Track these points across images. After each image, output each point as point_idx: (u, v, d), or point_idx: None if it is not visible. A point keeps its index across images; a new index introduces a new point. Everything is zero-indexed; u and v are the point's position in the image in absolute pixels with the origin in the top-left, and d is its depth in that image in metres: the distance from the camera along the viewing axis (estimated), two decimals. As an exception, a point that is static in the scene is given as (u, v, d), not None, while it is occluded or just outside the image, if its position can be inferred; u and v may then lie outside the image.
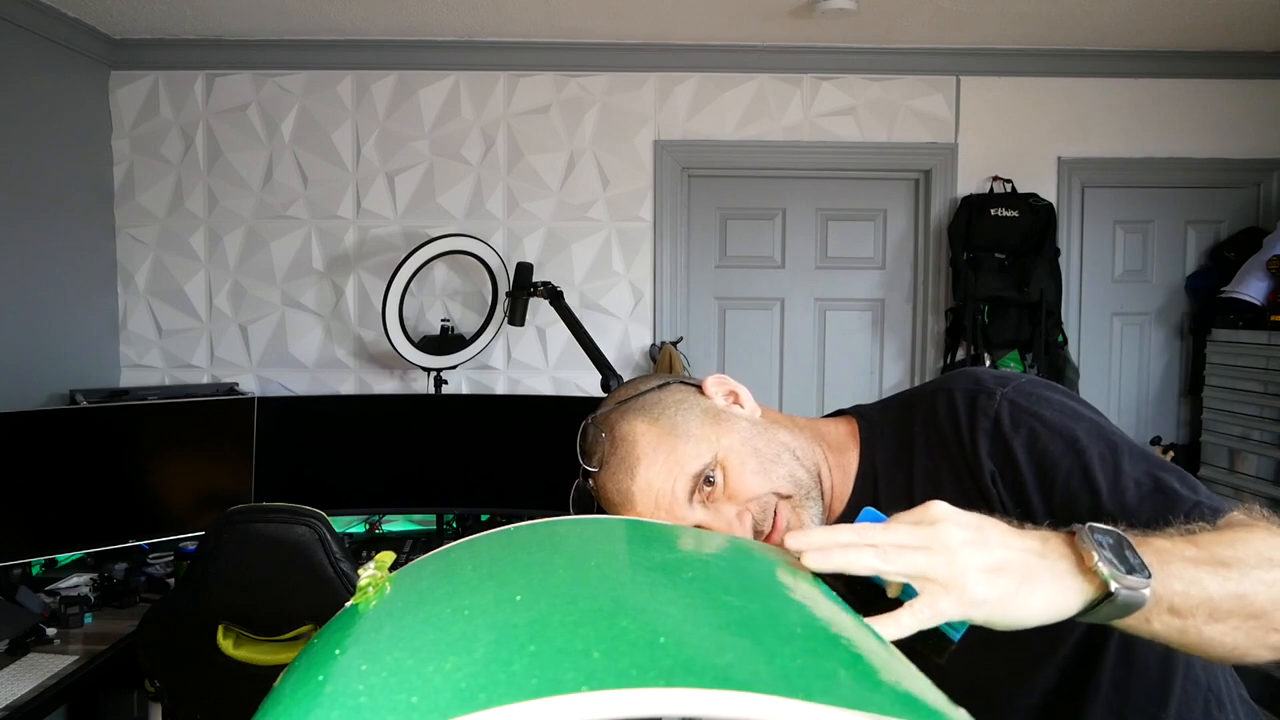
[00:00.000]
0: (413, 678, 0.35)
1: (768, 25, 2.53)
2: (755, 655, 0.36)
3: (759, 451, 0.84)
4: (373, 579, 0.49)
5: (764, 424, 0.88)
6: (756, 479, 0.83)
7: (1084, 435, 0.75)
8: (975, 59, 2.75)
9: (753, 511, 0.82)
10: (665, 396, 0.88)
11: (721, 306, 2.91)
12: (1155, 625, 0.59)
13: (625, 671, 0.33)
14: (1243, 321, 2.58)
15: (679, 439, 0.83)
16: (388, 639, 0.40)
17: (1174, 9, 2.39)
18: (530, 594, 0.42)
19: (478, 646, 0.36)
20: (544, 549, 0.51)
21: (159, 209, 2.78)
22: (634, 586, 0.43)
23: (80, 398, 2.42)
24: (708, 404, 0.87)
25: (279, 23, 2.57)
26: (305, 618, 1.61)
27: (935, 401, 0.83)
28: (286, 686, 0.40)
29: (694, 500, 0.82)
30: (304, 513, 1.59)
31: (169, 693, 1.72)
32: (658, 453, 0.83)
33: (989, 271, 2.68)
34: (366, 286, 2.80)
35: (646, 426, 0.85)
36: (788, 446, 0.86)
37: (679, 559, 0.49)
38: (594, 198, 2.79)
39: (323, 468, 2.51)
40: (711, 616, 0.40)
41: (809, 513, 0.84)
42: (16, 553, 2.06)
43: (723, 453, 0.83)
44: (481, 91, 2.76)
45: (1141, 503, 0.71)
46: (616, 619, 0.38)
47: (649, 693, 0.32)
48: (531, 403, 2.60)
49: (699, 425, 0.84)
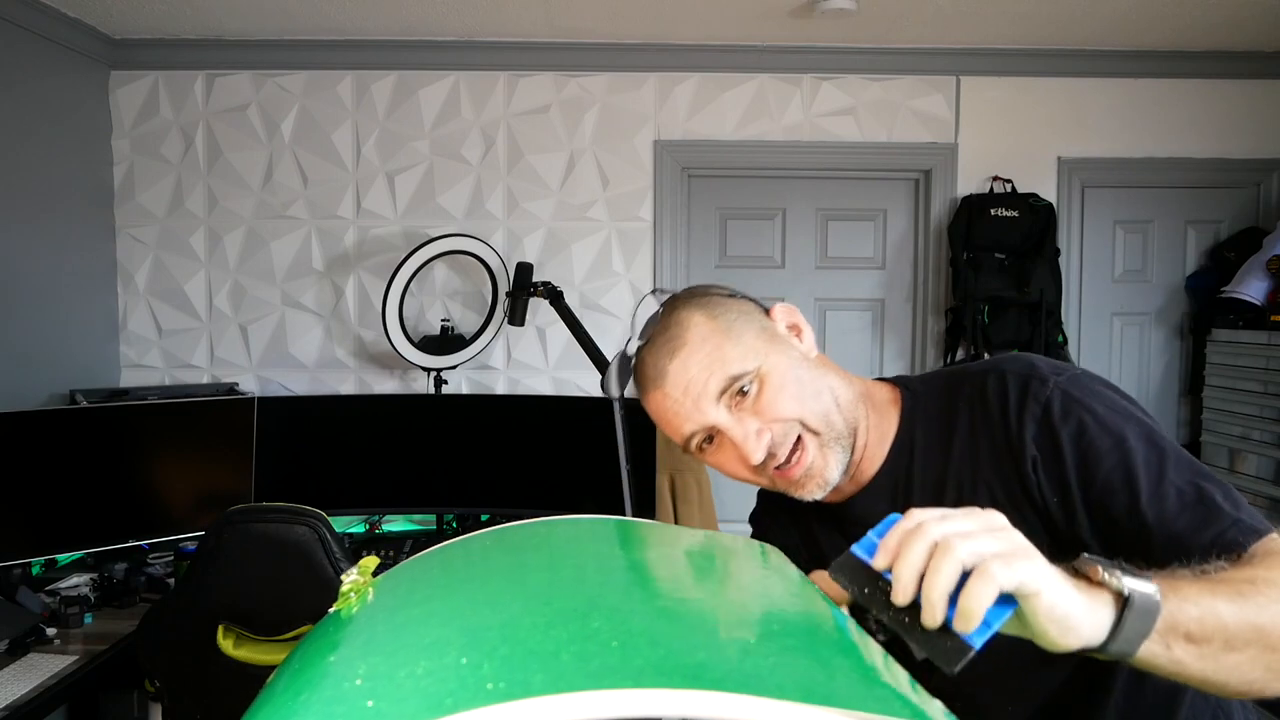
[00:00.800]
0: (383, 683, 0.35)
1: (768, 25, 2.53)
2: (728, 653, 0.36)
3: (801, 380, 0.84)
4: (355, 584, 0.49)
5: (815, 362, 0.87)
6: (790, 403, 0.82)
7: (1132, 435, 0.74)
8: (975, 59, 2.75)
9: (774, 432, 0.82)
10: (731, 303, 0.88)
11: (721, 306, 2.90)
12: (1175, 653, 0.57)
13: (595, 673, 0.33)
14: (1243, 321, 2.58)
15: (729, 339, 0.84)
16: (364, 644, 0.40)
17: (1174, 9, 2.39)
18: (506, 596, 0.42)
19: (449, 650, 0.36)
20: (525, 551, 0.51)
21: (159, 209, 2.78)
22: (609, 586, 0.43)
23: (80, 398, 2.42)
24: (769, 324, 0.88)
25: (279, 23, 2.57)
26: (305, 618, 1.61)
27: (985, 381, 0.82)
28: (267, 696, 0.40)
29: (722, 401, 0.83)
30: (304, 513, 1.59)
31: (169, 693, 1.72)
32: (704, 344, 0.83)
33: (989, 271, 2.68)
34: (366, 286, 2.80)
35: (703, 318, 0.85)
36: (832, 390, 0.86)
37: (656, 557, 0.49)
38: (594, 198, 2.79)
39: (323, 468, 2.51)
40: (686, 614, 0.40)
41: (834, 456, 0.84)
42: (16, 553, 2.06)
43: (766, 368, 0.83)
44: (481, 91, 2.76)
45: (1181, 512, 0.70)
46: (589, 619, 0.38)
47: (617, 694, 0.32)
48: (531, 403, 2.60)
49: (752, 337, 0.85)
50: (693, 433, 0.85)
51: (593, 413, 2.44)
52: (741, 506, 3.30)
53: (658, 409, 0.88)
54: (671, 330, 0.86)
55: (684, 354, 0.83)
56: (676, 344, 0.84)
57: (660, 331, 0.86)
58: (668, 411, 0.86)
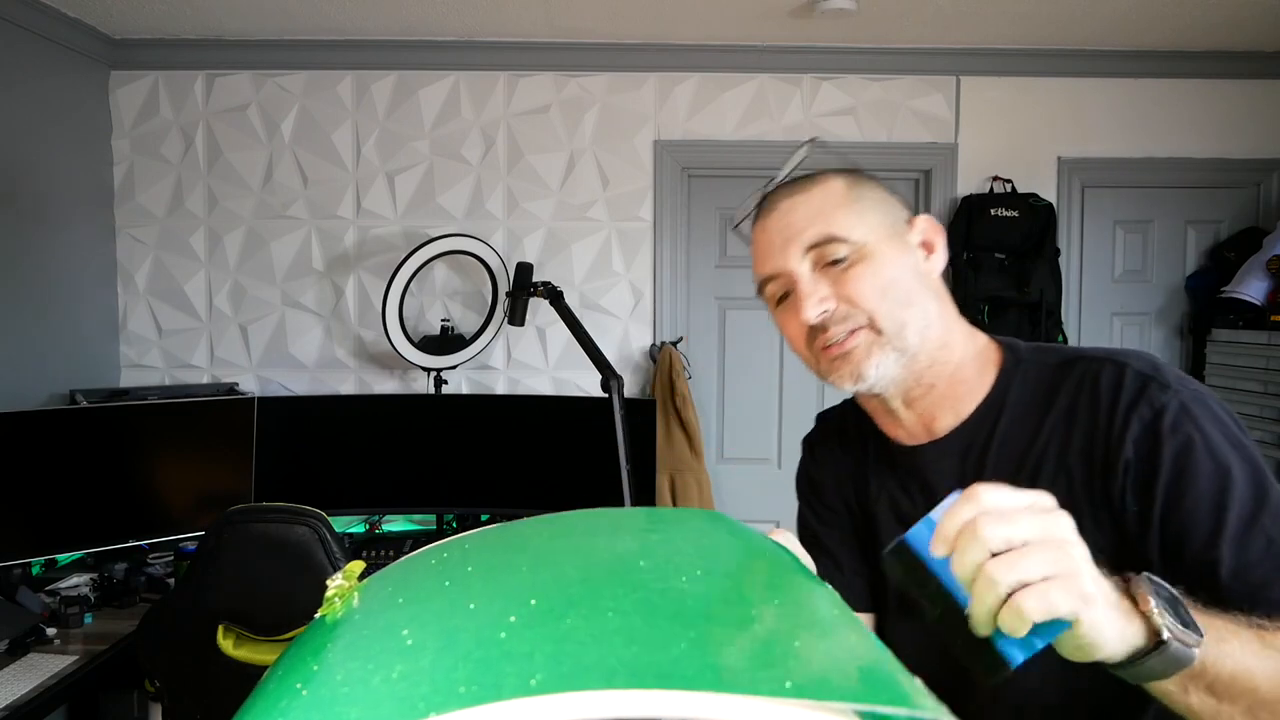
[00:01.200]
0: (359, 688, 0.35)
1: (768, 25, 2.53)
2: (704, 648, 0.36)
3: (897, 282, 0.80)
4: (339, 589, 0.49)
5: (927, 281, 0.83)
6: (872, 293, 0.79)
7: (1238, 469, 0.70)
8: (975, 59, 2.75)
9: (837, 310, 0.79)
10: (876, 188, 0.85)
11: (721, 306, 2.91)
12: (1191, 699, 0.56)
13: (567, 674, 0.33)
14: (1243, 321, 2.58)
15: (850, 208, 0.81)
16: (344, 649, 0.40)
17: (1174, 9, 2.39)
18: (485, 597, 0.42)
19: (425, 654, 0.36)
20: (510, 550, 0.51)
21: (159, 209, 2.78)
22: (589, 582, 0.43)
23: (80, 398, 2.42)
24: (902, 227, 0.84)
25: (279, 23, 2.57)
26: (305, 618, 1.60)
27: (1102, 367, 0.78)
28: (253, 702, 0.40)
29: (809, 256, 0.81)
30: (304, 513, 1.59)
31: (169, 693, 1.72)
32: (826, 198, 0.82)
33: (989, 271, 2.68)
34: (366, 286, 2.80)
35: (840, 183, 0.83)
36: (926, 313, 0.81)
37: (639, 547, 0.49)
38: (594, 198, 2.79)
39: (323, 468, 2.51)
40: (663, 606, 0.40)
41: (885, 360, 0.80)
42: (16, 553, 2.06)
43: (870, 251, 0.80)
44: (481, 91, 2.76)
45: (1262, 561, 0.67)
46: (564, 618, 0.38)
47: (587, 696, 0.32)
48: (531, 403, 2.60)
49: (875, 220, 0.81)
50: (770, 274, 0.84)
51: (593, 413, 2.44)
52: (741, 507, 3.30)
53: (755, 241, 0.86)
54: (804, 180, 0.84)
55: (800, 198, 0.82)
56: (798, 189, 0.83)
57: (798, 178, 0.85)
58: (760, 244, 0.85)
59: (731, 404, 2.92)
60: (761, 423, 2.92)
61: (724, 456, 2.93)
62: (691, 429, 2.71)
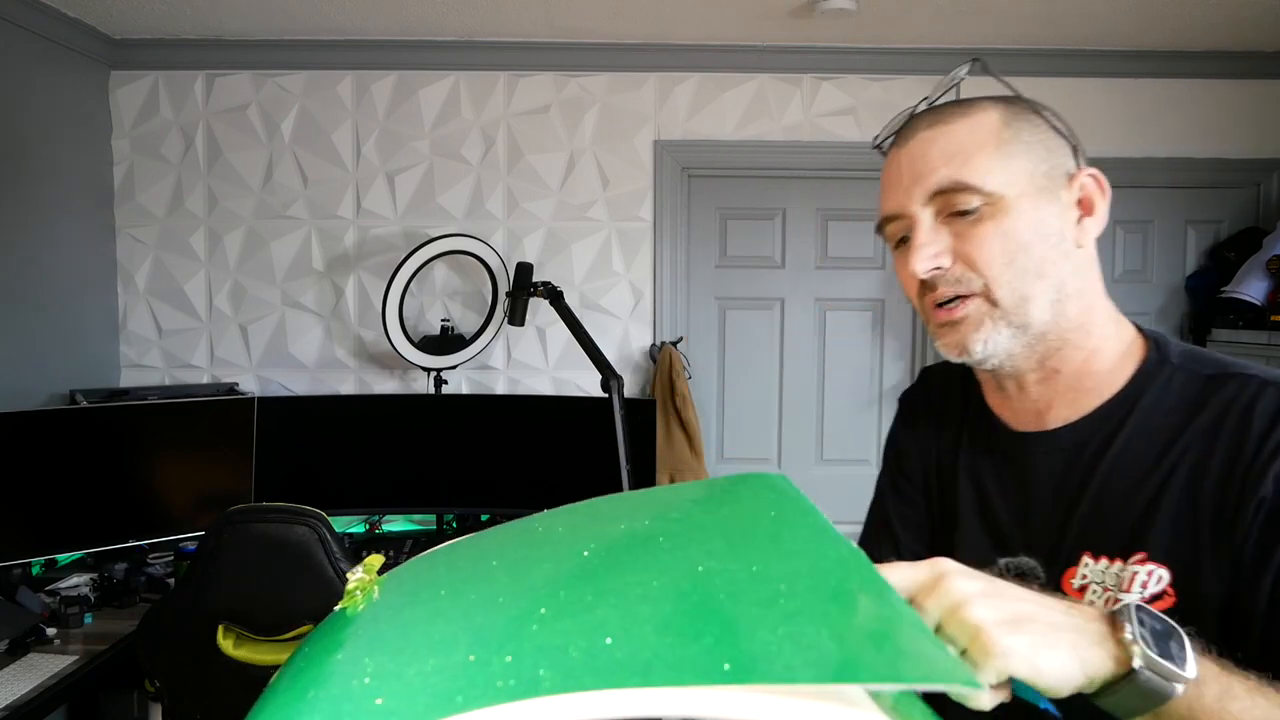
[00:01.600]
0: (392, 681, 0.35)
1: (768, 25, 2.53)
2: (734, 636, 0.35)
3: (1030, 249, 0.69)
4: (360, 582, 0.49)
5: (1072, 250, 0.72)
6: (995, 257, 0.69)
7: None
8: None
9: (951, 269, 0.70)
10: (1040, 130, 0.73)
11: (721, 306, 2.91)
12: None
13: (603, 669, 0.33)
14: (1243, 321, 2.58)
15: (996, 151, 0.70)
16: (370, 643, 0.40)
17: (1174, 9, 2.39)
18: (513, 591, 0.42)
19: (458, 648, 0.36)
20: (530, 544, 0.50)
21: (159, 209, 2.78)
22: (617, 569, 0.43)
23: (80, 398, 2.42)
24: (1059, 178, 0.72)
25: (279, 23, 2.57)
26: (305, 618, 1.61)
27: (1262, 390, 0.67)
28: (273, 693, 0.40)
29: (935, 202, 0.71)
30: (304, 513, 1.59)
31: (169, 693, 1.72)
32: (968, 135, 0.71)
33: (989, 271, 2.68)
34: (366, 286, 2.80)
35: (996, 116, 0.72)
36: (1064, 289, 0.71)
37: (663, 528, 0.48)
38: (594, 198, 2.79)
39: (323, 468, 2.51)
40: (691, 592, 0.39)
41: (996, 336, 0.71)
42: (16, 553, 2.06)
43: (1007, 206, 0.69)
44: (481, 91, 2.76)
45: None
46: (595, 611, 0.38)
47: (624, 694, 0.32)
48: (531, 403, 2.60)
49: (1026, 168, 0.70)
50: (890, 213, 0.74)
51: (593, 413, 2.44)
52: (741, 506, 3.27)
53: (885, 171, 0.76)
54: (957, 106, 0.73)
55: (940, 130, 0.71)
56: (944, 118, 0.72)
57: (951, 101, 0.75)
58: (888, 176, 0.75)
59: (731, 404, 2.92)
60: (761, 423, 2.92)
61: (724, 456, 2.93)
62: (691, 429, 2.71)
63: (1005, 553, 0.77)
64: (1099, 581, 0.70)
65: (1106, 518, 0.71)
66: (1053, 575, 0.73)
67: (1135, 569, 0.68)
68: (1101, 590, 0.69)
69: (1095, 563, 0.70)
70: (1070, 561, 0.72)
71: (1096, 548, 0.70)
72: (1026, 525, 0.76)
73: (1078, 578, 0.71)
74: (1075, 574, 0.71)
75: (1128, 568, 0.68)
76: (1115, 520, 0.70)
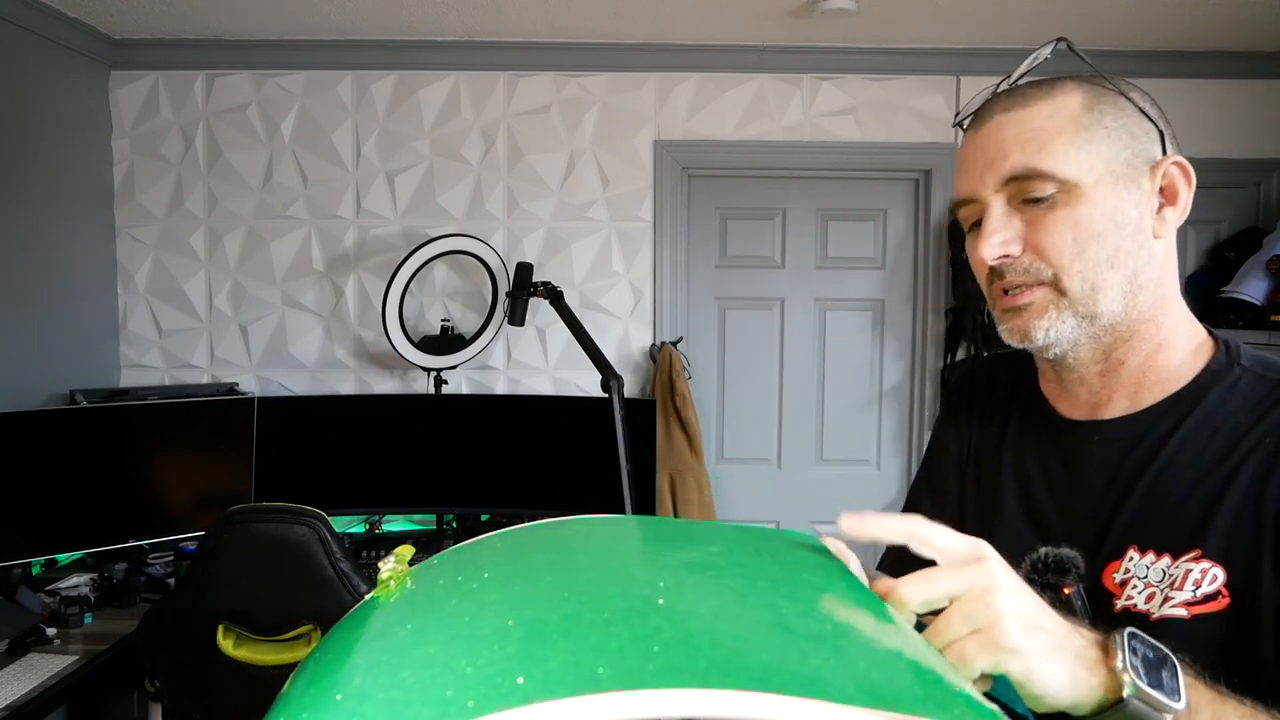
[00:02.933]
0: (445, 672, 0.34)
1: (768, 25, 2.53)
2: (788, 656, 0.36)
3: (1104, 238, 0.67)
4: (394, 572, 0.48)
5: (1155, 240, 0.70)
6: (1066, 247, 0.68)
7: None
8: (975, 59, 2.75)
9: (1020, 258, 0.69)
10: (1127, 110, 0.70)
11: (721, 306, 2.91)
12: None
13: (661, 671, 0.33)
14: (1243, 321, 2.58)
15: (1074, 138, 0.68)
16: (414, 632, 0.39)
17: (1174, 9, 2.39)
18: (559, 591, 0.41)
19: (510, 642, 0.36)
20: (567, 547, 0.50)
21: (159, 209, 2.78)
22: (663, 586, 0.43)
23: (80, 398, 2.42)
24: (1141, 165, 0.70)
25: (279, 23, 2.57)
26: (305, 618, 1.61)
27: None
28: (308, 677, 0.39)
29: (1007, 188, 0.69)
30: (304, 513, 1.59)
31: (169, 693, 1.72)
32: (1051, 118, 0.68)
33: (989, 271, 2.68)
34: (366, 286, 2.80)
35: (1078, 100, 0.69)
36: (1138, 280, 0.69)
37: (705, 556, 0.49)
38: (594, 198, 2.79)
39: (323, 468, 2.51)
40: (741, 616, 0.40)
41: (1060, 323, 0.70)
42: (16, 553, 2.06)
43: (1082, 194, 0.67)
44: (481, 91, 2.76)
45: None
46: (648, 618, 0.38)
47: (684, 693, 0.32)
48: (531, 403, 2.60)
49: (1105, 154, 0.68)
50: (964, 198, 0.73)
51: (593, 413, 2.44)
52: (742, 508, 3.30)
53: (961, 152, 0.75)
54: (1038, 87, 0.70)
55: (1018, 113, 0.69)
56: (1023, 100, 0.70)
57: (1034, 81, 0.71)
58: (963, 158, 0.74)
59: (731, 404, 2.92)
60: (761, 423, 2.92)
61: (724, 456, 2.93)
62: (691, 429, 2.71)
63: (1046, 541, 0.75)
64: (1143, 576, 0.68)
65: (1159, 512, 0.69)
66: (1094, 567, 0.71)
67: (1189, 567, 0.66)
68: (1144, 586, 0.68)
69: (1142, 557, 0.69)
70: (1115, 555, 0.70)
71: (1145, 542, 0.69)
72: (1071, 514, 0.75)
73: (1120, 571, 0.69)
74: (1118, 567, 0.70)
75: (1179, 565, 0.66)
76: (1169, 516, 0.68)
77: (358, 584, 1.59)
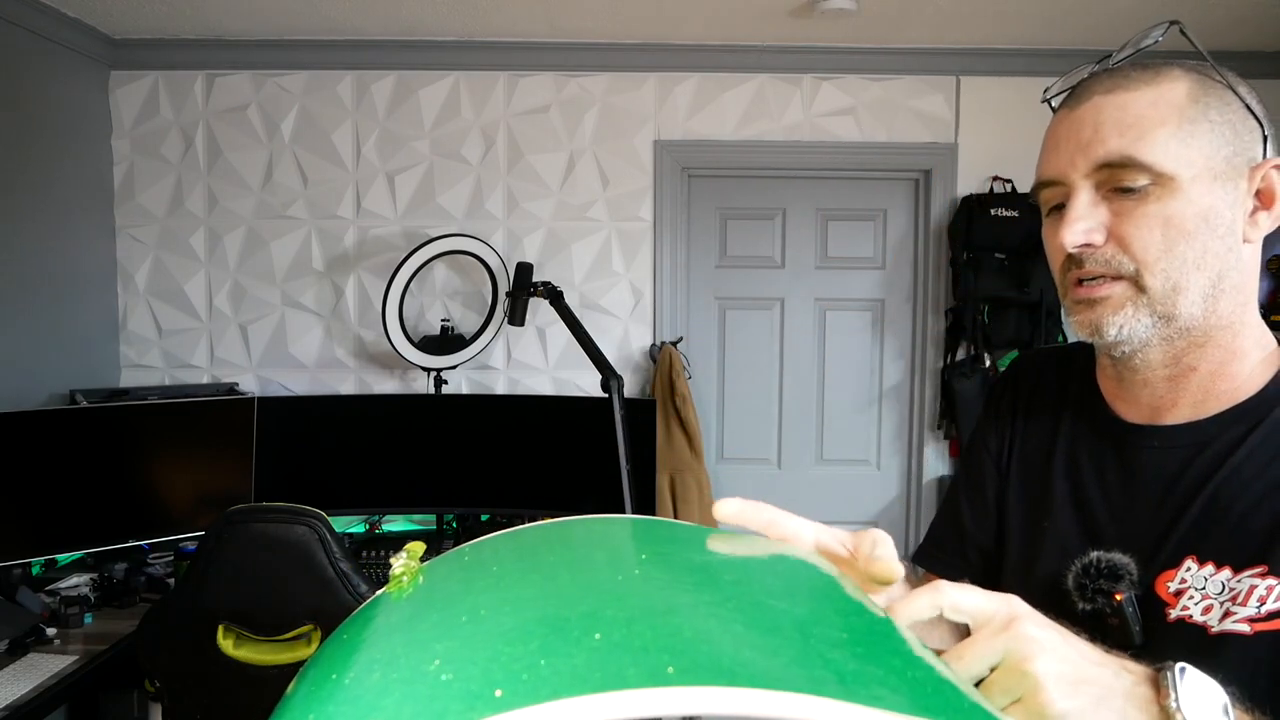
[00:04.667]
0: (469, 666, 0.34)
1: (768, 25, 2.53)
2: (810, 658, 0.36)
3: (1194, 237, 0.64)
4: (407, 567, 0.48)
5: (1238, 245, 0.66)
6: (1154, 242, 0.65)
7: None
8: (975, 59, 2.75)
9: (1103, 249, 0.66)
10: (1233, 106, 0.67)
11: (721, 306, 2.91)
12: None
13: (687, 669, 0.33)
14: (1243, 321, 2.58)
15: (1178, 128, 0.64)
16: (432, 627, 0.39)
17: (1175, 9, 2.39)
18: (576, 590, 0.41)
19: (531, 639, 0.36)
20: (580, 546, 0.50)
21: (159, 209, 2.78)
22: (680, 587, 0.43)
23: (80, 398, 2.42)
24: (1240, 164, 0.66)
25: (279, 23, 2.57)
26: (305, 618, 1.61)
27: None
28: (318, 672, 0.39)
29: (1098, 174, 0.66)
30: (304, 513, 1.59)
31: (169, 693, 1.72)
32: (1154, 105, 0.65)
33: (989, 271, 2.68)
34: (366, 286, 2.80)
35: (1184, 89, 0.66)
36: (1221, 284, 0.66)
37: (719, 562, 0.49)
38: (594, 198, 2.79)
39: (323, 468, 2.51)
40: (760, 619, 0.40)
41: (1135, 319, 0.67)
42: (16, 553, 2.06)
43: (1177, 188, 0.64)
44: (481, 91, 2.76)
45: None
46: (669, 617, 0.38)
47: (713, 691, 0.32)
48: (531, 403, 2.60)
49: (1206, 149, 0.64)
50: (1048, 178, 0.69)
51: (593, 413, 2.44)
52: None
53: (1050, 130, 0.71)
54: (1143, 70, 0.67)
55: (1120, 96, 0.66)
56: (1126, 83, 0.66)
57: (1138, 63, 0.69)
58: (1051, 137, 0.70)
59: (731, 404, 2.92)
60: (761, 423, 2.92)
61: (724, 456, 2.93)
62: (691, 429, 2.71)
63: (1098, 545, 0.73)
64: (1200, 588, 0.66)
65: (1222, 524, 0.67)
66: (1148, 575, 0.69)
67: (1253, 581, 0.64)
68: (1202, 597, 0.66)
69: (1200, 568, 0.67)
70: (1171, 563, 0.68)
71: (1204, 553, 0.67)
72: (1126, 520, 0.73)
73: (1176, 580, 0.67)
74: (1174, 576, 0.68)
75: (1241, 579, 0.64)
76: (1232, 528, 0.66)
77: (358, 584, 1.59)
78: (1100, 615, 0.70)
